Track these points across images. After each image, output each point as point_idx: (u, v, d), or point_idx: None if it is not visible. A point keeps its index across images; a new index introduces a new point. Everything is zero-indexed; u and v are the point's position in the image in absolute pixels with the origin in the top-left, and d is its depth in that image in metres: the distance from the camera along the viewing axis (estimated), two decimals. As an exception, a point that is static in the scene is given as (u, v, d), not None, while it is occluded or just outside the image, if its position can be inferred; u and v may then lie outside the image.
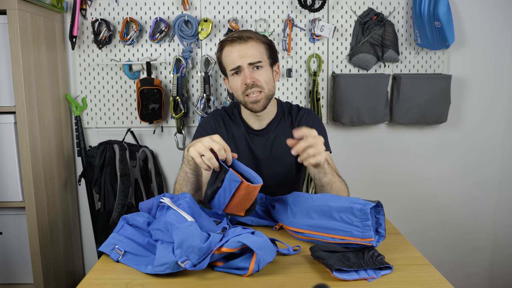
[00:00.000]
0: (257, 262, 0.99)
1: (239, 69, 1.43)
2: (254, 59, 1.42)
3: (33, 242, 1.76)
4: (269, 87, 1.45)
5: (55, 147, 1.96)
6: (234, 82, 1.45)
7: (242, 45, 1.42)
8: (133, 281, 0.99)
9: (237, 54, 1.42)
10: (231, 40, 1.43)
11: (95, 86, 2.09)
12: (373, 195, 2.12)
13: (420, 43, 2.05)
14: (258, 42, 1.44)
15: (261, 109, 1.46)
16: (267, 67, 1.46)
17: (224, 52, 1.46)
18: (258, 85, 1.42)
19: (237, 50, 1.42)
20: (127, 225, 1.16)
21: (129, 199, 2.01)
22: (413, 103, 2.04)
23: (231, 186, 1.09)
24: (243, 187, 1.09)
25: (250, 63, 1.41)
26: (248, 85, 1.41)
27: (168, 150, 2.16)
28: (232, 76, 1.45)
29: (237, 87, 1.45)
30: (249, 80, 1.41)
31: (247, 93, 1.43)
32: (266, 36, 1.51)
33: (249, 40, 1.42)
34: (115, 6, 2.03)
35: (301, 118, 1.56)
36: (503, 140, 2.23)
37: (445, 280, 0.98)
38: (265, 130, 1.54)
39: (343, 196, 1.18)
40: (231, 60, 1.43)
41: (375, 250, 1.07)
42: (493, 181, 2.26)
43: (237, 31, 1.48)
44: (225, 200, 1.12)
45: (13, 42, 1.65)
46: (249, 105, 1.45)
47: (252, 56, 1.41)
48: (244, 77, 1.41)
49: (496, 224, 2.30)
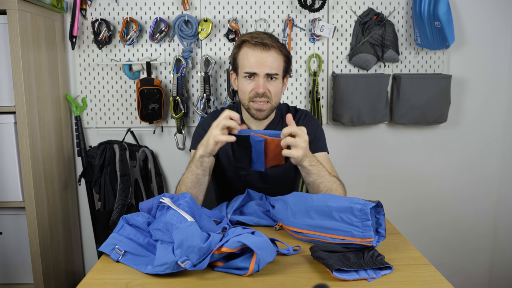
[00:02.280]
0: (257, 262, 0.99)
1: (254, 75, 1.41)
2: (272, 70, 1.40)
3: (33, 242, 1.76)
4: (276, 99, 1.46)
5: (55, 147, 1.96)
6: (244, 84, 1.43)
7: (264, 53, 1.39)
8: (133, 281, 0.99)
9: (256, 60, 1.39)
10: (254, 43, 1.39)
11: (95, 86, 2.09)
12: (373, 195, 2.12)
13: (420, 43, 2.05)
14: (279, 54, 1.42)
15: (263, 117, 1.46)
16: (280, 79, 1.45)
17: (243, 52, 1.42)
18: (268, 96, 1.42)
19: (257, 56, 1.39)
20: (127, 225, 1.16)
21: (129, 199, 2.01)
22: (413, 103, 2.04)
23: (259, 146, 1.25)
24: (269, 142, 1.25)
25: (267, 73, 1.40)
26: (259, 93, 1.41)
27: (168, 150, 2.16)
28: (244, 78, 1.43)
29: (246, 91, 1.43)
30: (262, 89, 1.40)
31: (254, 100, 1.42)
32: (286, 47, 1.47)
33: (271, 49, 1.39)
34: (115, 6, 2.03)
35: (298, 120, 1.56)
36: (503, 140, 2.23)
37: (445, 280, 0.98)
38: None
39: (343, 196, 1.18)
40: (249, 63, 1.40)
41: (375, 250, 1.07)
42: (493, 180, 2.26)
43: (260, 33, 1.42)
44: (261, 158, 1.27)
45: (13, 42, 1.65)
46: (252, 111, 1.45)
47: (270, 67, 1.40)
48: (258, 85, 1.40)
49: (496, 223, 2.30)
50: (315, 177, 1.31)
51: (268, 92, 1.41)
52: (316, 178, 1.32)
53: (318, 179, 1.32)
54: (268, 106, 1.43)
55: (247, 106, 1.46)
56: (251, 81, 1.41)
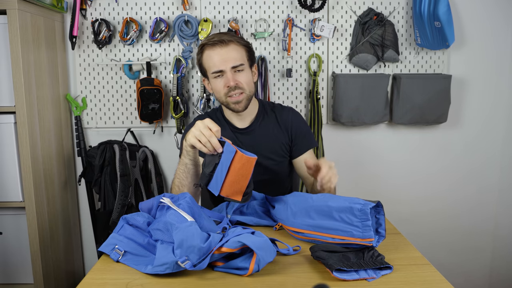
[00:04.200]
0: (257, 262, 0.99)
1: (221, 72, 1.48)
2: (236, 62, 1.47)
3: (33, 242, 1.76)
4: (250, 88, 1.52)
5: (55, 147, 1.96)
6: (216, 84, 1.51)
7: (224, 49, 1.46)
8: (133, 281, 0.99)
9: (219, 58, 1.46)
10: (212, 43, 1.47)
11: (95, 86, 2.09)
12: (373, 195, 2.12)
13: (420, 43, 2.04)
14: (239, 45, 1.49)
15: (243, 108, 1.52)
16: (247, 69, 1.52)
17: (205, 55, 1.50)
18: (240, 87, 1.48)
19: (219, 54, 1.47)
20: (127, 225, 1.16)
21: (129, 199, 2.01)
22: (413, 103, 2.04)
23: (227, 158, 1.15)
24: (238, 158, 1.15)
25: (233, 66, 1.47)
26: (231, 87, 1.47)
27: (168, 150, 2.16)
28: (215, 79, 1.50)
29: (219, 89, 1.50)
30: (232, 82, 1.47)
31: (230, 94, 1.49)
32: (244, 39, 1.55)
33: (230, 44, 1.47)
34: (115, 6, 2.03)
35: (286, 115, 1.63)
36: (504, 140, 2.23)
37: (445, 280, 0.98)
38: (250, 128, 1.60)
39: (343, 196, 1.18)
40: (213, 63, 1.48)
41: (375, 250, 1.07)
42: (494, 181, 2.26)
43: (217, 34, 1.52)
44: (222, 175, 1.16)
45: (13, 42, 1.65)
46: (231, 105, 1.51)
47: (234, 59, 1.47)
48: (227, 79, 1.47)
49: (497, 223, 2.30)
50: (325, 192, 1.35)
51: (239, 84, 1.48)
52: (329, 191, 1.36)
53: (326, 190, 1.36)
54: (243, 96, 1.50)
55: (225, 103, 1.53)
56: (221, 79, 1.49)
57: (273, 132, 1.61)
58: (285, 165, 1.64)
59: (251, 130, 1.61)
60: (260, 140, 1.59)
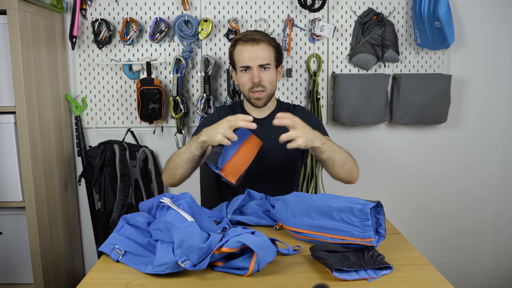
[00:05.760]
0: (257, 262, 0.99)
1: (248, 68, 1.58)
2: (263, 61, 1.57)
3: (33, 242, 1.76)
4: (272, 87, 1.61)
5: (55, 147, 1.96)
6: (242, 78, 1.60)
7: (254, 47, 1.56)
8: (133, 281, 0.99)
9: (249, 55, 1.56)
10: (245, 40, 1.57)
11: (95, 86, 2.09)
12: (373, 195, 2.12)
13: (420, 43, 2.04)
14: (269, 45, 1.58)
15: (262, 105, 1.62)
16: (273, 68, 1.61)
17: (237, 49, 1.60)
18: (263, 85, 1.58)
19: (249, 51, 1.56)
20: (127, 225, 1.16)
21: (129, 199, 2.01)
22: (413, 103, 2.04)
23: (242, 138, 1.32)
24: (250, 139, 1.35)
25: (260, 64, 1.56)
26: (254, 83, 1.57)
27: (168, 150, 2.15)
28: (241, 72, 1.60)
29: (244, 83, 1.60)
30: (257, 79, 1.56)
31: (253, 90, 1.58)
32: (275, 39, 1.64)
33: (260, 43, 1.57)
34: (115, 6, 2.03)
35: (297, 113, 1.68)
36: (503, 140, 2.23)
37: (445, 280, 0.99)
38: (266, 119, 1.65)
39: (343, 196, 1.18)
40: (242, 58, 1.58)
41: (375, 250, 1.07)
42: (493, 181, 2.26)
43: (250, 31, 1.62)
44: (233, 151, 1.32)
45: (13, 42, 1.65)
46: (252, 100, 1.61)
47: (262, 58, 1.56)
48: (253, 76, 1.57)
49: (497, 223, 2.30)
50: (328, 153, 1.41)
51: (263, 82, 1.57)
52: (330, 153, 1.41)
53: (332, 153, 1.42)
54: (264, 94, 1.59)
55: (248, 97, 1.62)
56: (247, 74, 1.59)
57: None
58: (298, 154, 1.70)
59: (268, 121, 1.62)
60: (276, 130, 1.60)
